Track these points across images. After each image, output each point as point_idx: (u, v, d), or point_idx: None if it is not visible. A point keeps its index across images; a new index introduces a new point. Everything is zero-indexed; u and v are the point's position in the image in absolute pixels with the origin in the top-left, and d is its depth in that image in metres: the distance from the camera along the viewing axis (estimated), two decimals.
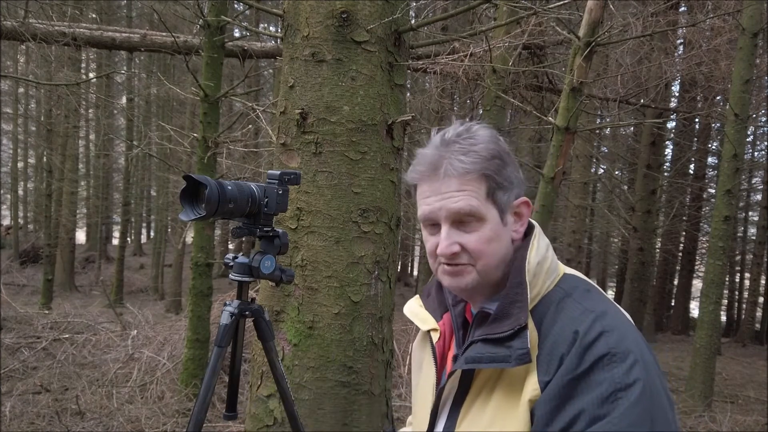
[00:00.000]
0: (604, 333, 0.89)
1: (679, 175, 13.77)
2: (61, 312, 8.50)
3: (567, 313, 0.96)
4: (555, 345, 0.92)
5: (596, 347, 0.88)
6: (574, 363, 0.88)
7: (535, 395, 0.91)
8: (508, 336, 0.95)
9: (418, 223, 12.68)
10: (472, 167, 0.99)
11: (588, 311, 0.94)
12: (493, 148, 1.01)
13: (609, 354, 0.87)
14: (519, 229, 1.05)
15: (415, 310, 1.22)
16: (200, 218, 1.47)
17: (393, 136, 2.52)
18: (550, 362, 0.92)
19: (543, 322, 0.97)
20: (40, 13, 7.05)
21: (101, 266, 18.11)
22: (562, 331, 0.93)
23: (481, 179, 1.00)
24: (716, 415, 6.11)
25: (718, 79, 7.25)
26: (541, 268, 1.01)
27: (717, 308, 6.69)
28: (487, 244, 1.01)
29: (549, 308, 0.98)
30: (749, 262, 16.92)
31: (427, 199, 1.03)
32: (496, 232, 1.01)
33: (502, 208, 1.02)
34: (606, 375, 0.86)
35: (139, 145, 10.83)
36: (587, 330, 0.90)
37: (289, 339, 2.45)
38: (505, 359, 0.93)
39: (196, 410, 1.55)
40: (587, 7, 3.68)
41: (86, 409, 4.76)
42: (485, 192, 1.00)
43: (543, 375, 0.92)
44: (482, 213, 1.00)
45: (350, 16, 2.38)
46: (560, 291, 1.00)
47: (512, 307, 0.97)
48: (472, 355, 0.98)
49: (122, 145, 17.66)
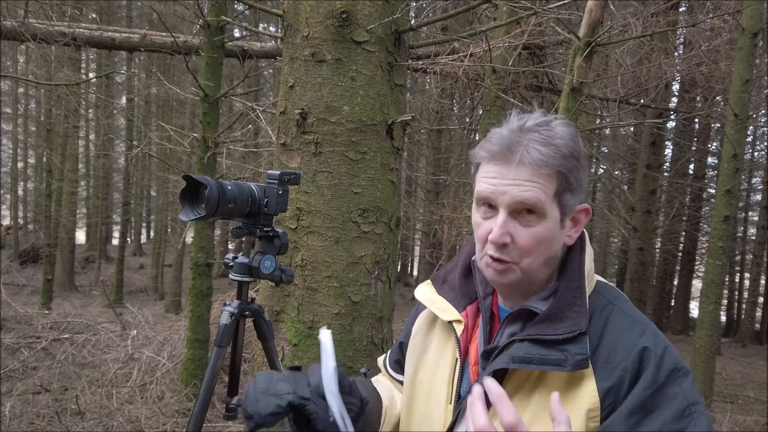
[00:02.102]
0: (667, 348, 0.93)
1: (679, 175, 13.78)
2: (61, 312, 8.50)
3: (617, 322, 0.96)
4: (612, 354, 0.92)
5: (666, 362, 0.91)
6: (653, 378, 0.90)
7: (593, 403, 0.90)
8: (565, 339, 0.92)
9: (418, 223, 12.59)
10: (549, 161, 0.94)
11: (639, 324, 0.96)
12: (573, 147, 0.97)
13: (675, 368, 0.91)
14: (573, 234, 1.02)
15: (431, 297, 1.14)
16: (200, 218, 1.47)
17: (393, 136, 2.52)
18: (608, 371, 0.91)
19: (589, 327, 0.95)
20: (40, 13, 7.05)
21: (101, 266, 18.10)
22: (618, 342, 0.93)
23: (554, 176, 0.95)
24: (716, 415, 6.12)
25: (718, 79, 7.25)
26: (591, 272, 1.02)
27: (717, 308, 6.69)
28: (538, 243, 0.96)
29: (593, 313, 0.97)
30: (749, 262, 16.92)
31: (492, 179, 0.96)
32: (552, 233, 0.97)
33: (565, 210, 0.98)
34: (677, 389, 0.90)
35: (139, 145, 10.84)
36: (655, 345, 0.92)
37: (289, 339, 2.45)
38: (560, 363, 0.91)
39: (196, 410, 1.55)
40: (587, 7, 3.68)
41: (86, 409, 4.76)
42: (554, 190, 0.95)
43: (602, 382, 0.91)
44: (545, 210, 0.95)
45: (350, 16, 2.38)
46: (602, 298, 1.01)
47: (569, 310, 0.95)
48: (521, 355, 0.93)
49: (122, 145, 17.66)
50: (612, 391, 0.90)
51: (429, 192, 12.27)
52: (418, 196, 15.06)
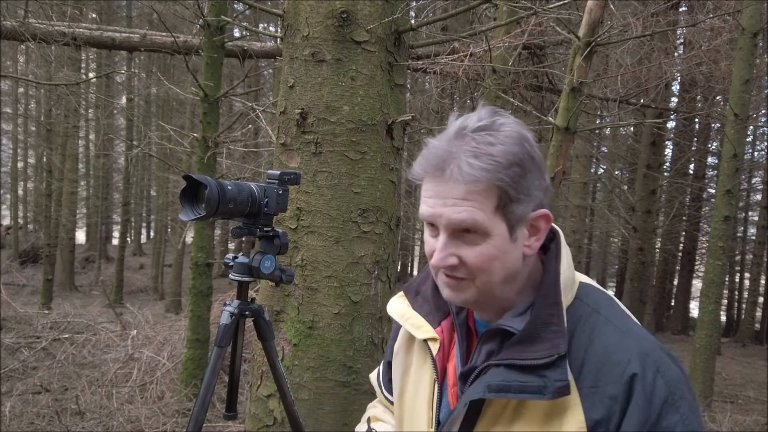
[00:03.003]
0: (659, 371, 0.84)
1: (679, 175, 13.78)
2: (61, 312, 8.50)
3: (603, 337, 0.88)
4: (600, 377, 0.85)
5: (658, 390, 0.83)
6: (645, 413, 0.82)
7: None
8: (544, 365, 0.84)
9: (418, 223, 12.69)
10: (482, 175, 0.84)
11: (628, 339, 0.87)
12: (515, 153, 0.86)
13: (670, 394, 0.83)
14: (533, 243, 0.92)
15: (404, 312, 1.06)
16: (200, 218, 1.47)
17: (393, 136, 2.52)
18: (596, 398, 0.84)
19: (572, 343, 0.87)
20: (40, 13, 7.04)
21: (101, 266, 18.10)
22: (605, 362, 0.85)
23: (491, 190, 0.85)
24: (716, 415, 6.12)
25: (718, 79, 7.25)
26: (569, 282, 0.92)
27: (717, 308, 6.69)
28: (488, 262, 0.88)
29: (576, 326, 0.89)
30: (749, 262, 16.92)
31: (428, 200, 0.90)
32: (500, 249, 0.88)
33: (513, 223, 0.88)
34: (675, 418, 0.82)
35: (139, 145, 10.84)
36: (645, 372, 0.83)
37: (289, 339, 2.45)
38: (539, 391, 0.83)
39: (196, 410, 1.55)
40: (587, 7, 3.68)
41: (86, 409, 4.76)
42: (495, 205, 0.86)
43: (590, 412, 0.84)
44: (487, 228, 0.86)
45: (350, 16, 2.38)
46: (584, 306, 0.92)
47: (546, 330, 0.86)
48: (497, 383, 0.86)
49: (122, 145, 17.66)
50: (602, 423, 0.83)
51: None
52: (418, 196, 15.04)
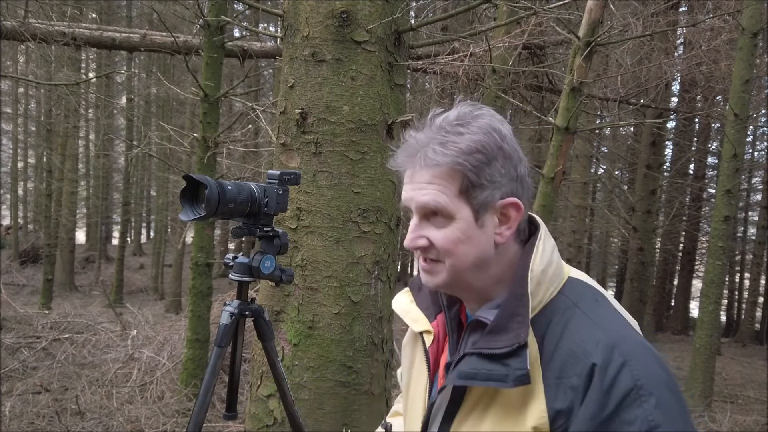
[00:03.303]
0: (625, 364, 0.81)
1: (679, 175, 13.78)
2: (61, 312, 8.50)
3: (576, 329, 0.87)
4: (565, 368, 0.85)
5: (620, 382, 0.80)
6: (599, 404, 0.80)
7: (541, 422, 0.85)
8: (506, 353, 0.87)
9: None
10: (443, 160, 0.90)
11: (600, 331, 0.86)
12: (479, 141, 0.90)
13: (635, 388, 0.80)
14: (504, 232, 0.94)
15: (406, 306, 1.11)
16: (200, 218, 1.47)
17: (393, 136, 2.52)
18: (559, 388, 0.84)
19: (546, 337, 0.89)
20: (39, 13, 7.04)
21: (101, 266, 18.10)
22: (572, 353, 0.85)
23: (453, 174, 0.91)
24: (716, 415, 6.11)
25: (718, 79, 7.25)
26: (545, 275, 0.92)
27: (717, 308, 6.69)
28: (454, 245, 0.92)
29: (552, 319, 0.90)
30: (749, 262, 16.92)
31: (405, 186, 0.96)
32: (465, 234, 0.92)
33: (478, 208, 0.92)
34: (637, 412, 0.79)
35: (139, 145, 10.84)
36: (607, 363, 0.82)
37: (289, 339, 2.45)
38: (503, 379, 0.86)
39: (196, 410, 1.55)
40: (587, 7, 3.68)
41: (86, 409, 4.76)
42: (457, 189, 0.91)
43: (552, 401, 0.84)
44: (450, 211, 0.91)
45: (350, 16, 2.38)
46: (565, 300, 0.92)
47: (511, 321, 0.89)
48: (466, 371, 0.90)
49: (122, 145, 17.66)
50: (563, 414, 0.83)
51: None
52: None
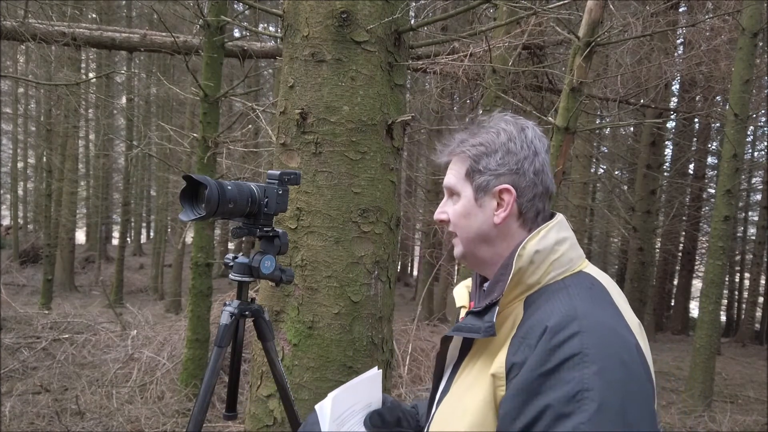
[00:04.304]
0: (578, 334, 0.88)
1: (679, 175, 13.78)
2: (61, 312, 8.50)
3: (554, 304, 0.97)
4: (529, 331, 0.95)
5: (567, 346, 0.87)
6: (542, 359, 0.88)
7: (499, 371, 0.95)
8: (483, 310, 1.02)
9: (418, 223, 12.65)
10: (457, 148, 1.13)
11: (569, 307, 0.94)
12: (485, 137, 1.11)
13: (581, 354, 0.86)
14: (501, 214, 1.09)
15: (461, 290, 1.28)
16: (200, 218, 1.47)
17: (393, 136, 2.52)
18: (521, 346, 0.94)
19: (530, 307, 1.00)
20: (39, 13, 7.04)
21: (101, 266, 18.10)
22: (539, 320, 0.95)
23: (463, 159, 1.12)
24: (716, 415, 6.12)
25: (718, 79, 7.25)
26: (543, 257, 1.03)
27: (717, 308, 6.69)
28: (459, 218, 1.12)
29: (542, 296, 1.01)
30: (749, 262, 16.92)
31: None
32: (466, 209, 1.11)
33: (477, 188, 1.10)
34: (575, 374, 0.85)
35: (139, 145, 10.83)
36: (560, 327, 0.90)
37: (288, 339, 2.45)
38: (477, 330, 1.00)
39: (196, 410, 1.55)
40: (587, 7, 3.68)
41: (86, 409, 4.76)
42: (465, 170, 1.11)
43: (511, 355, 0.95)
44: (459, 189, 1.12)
45: (350, 16, 2.38)
46: (560, 283, 1.02)
47: (496, 286, 1.04)
48: (458, 324, 1.06)
49: (122, 145, 17.66)
50: (517, 366, 0.92)
51: (429, 192, 12.27)
52: (418, 196, 15.06)
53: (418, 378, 5.83)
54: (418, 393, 5.46)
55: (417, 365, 6.03)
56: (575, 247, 1.08)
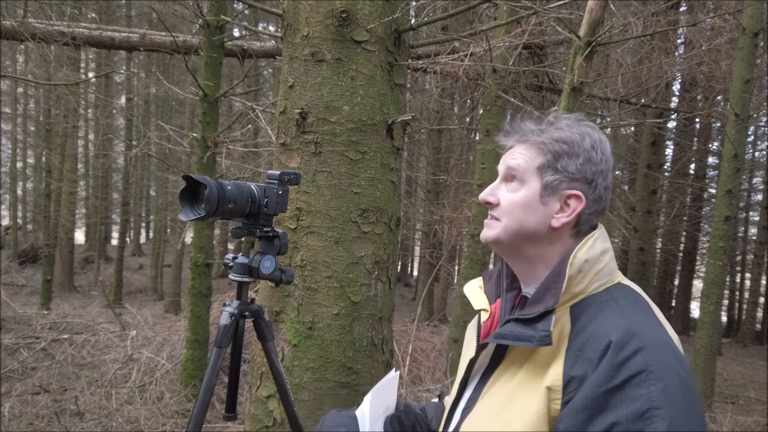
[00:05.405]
0: (642, 350, 0.88)
1: (679, 175, 13.77)
2: (60, 312, 8.49)
3: (606, 316, 0.96)
4: (587, 343, 0.93)
5: (633, 362, 0.87)
6: (608, 375, 0.88)
7: (555, 384, 0.93)
8: (535, 318, 0.98)
9: (418, 223, 12.62)
10: (536, 139, 1.07)
11: (627, 320, 0.94)
12: (569, 136, 1.06)
13: (646, 371, 0.87)
14: (561, 217, 1.06)
15: (474, 290, 1.26)
16: (200, 218, 1.47)
17: (393, 136, 2.51)
18: (578, 359, 0.93)
19: (580, 318, 0.99)
20: (39, 12, 7.03)
21: (100, 266, 18.08)
22: (596, 333, 0.93)
23: (540, 152, 1.06)
24: (716, 416, 6.11)
25: (719, 79, 7.24)
26: (590, 266, 1.02)
27: (717, 308, 6.67)
28: (514, 206, 1.07)
29: (590, 307, 0.99)
30: (750, 262, 16.92)
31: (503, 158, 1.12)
32: (527, 201, 1.06)
33: (546, 186, 1.05)
34: (642, 392, 0.86)
35: (139, 145, 10.83)
36: (624, 342, 0.89)
37: (288, 339, 2.44)
38: (529, 339, 0.96)
39: (196, 411, 1.54)
40: (587, 6, 3.67)
41: (85, 410, 4.75)
42: (539, 164, 1.06)
43: (569, 368, 0.93)
44: (525, 177, 1.07)
45: (350, 16, 2.37)
46: (606, 295, 1.01)
47: (546, 293, 1.01)
48: (501, 332, 1.02)
49: (121, 145, 17.63)
50: (576, 380, 0.91)
51: (429, 192, 12.26)
52: (418, 196, 15.04)
53: (418, 379, 5.82)
54: (418, 394, 5.45)
55: (417, 366, 6.02)
56: (614, 259, 1.08)
